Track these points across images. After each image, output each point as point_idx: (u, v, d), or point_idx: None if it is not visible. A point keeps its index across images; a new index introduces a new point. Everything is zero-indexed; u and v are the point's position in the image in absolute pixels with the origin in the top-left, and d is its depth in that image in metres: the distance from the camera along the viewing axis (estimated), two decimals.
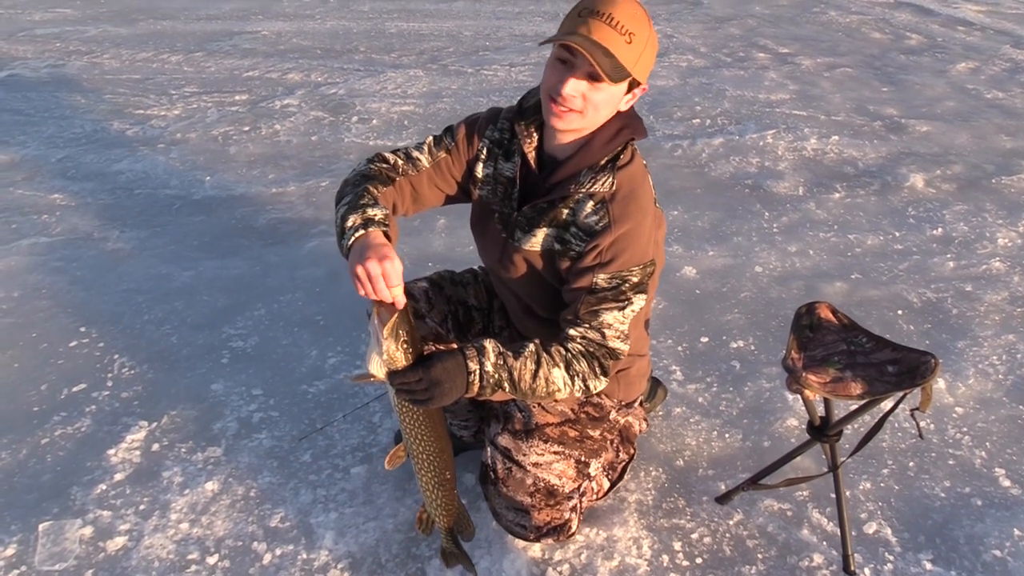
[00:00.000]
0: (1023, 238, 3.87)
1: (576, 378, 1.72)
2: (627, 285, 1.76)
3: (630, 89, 1.72)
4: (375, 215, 1.66)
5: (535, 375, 1.67)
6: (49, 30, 7.10)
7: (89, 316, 3.12)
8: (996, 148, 5.00)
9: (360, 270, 1.53)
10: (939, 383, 2.81)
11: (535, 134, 1.85)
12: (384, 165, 1.88)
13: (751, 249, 3.70)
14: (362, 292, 1.55)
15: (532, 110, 1.86)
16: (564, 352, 1.72)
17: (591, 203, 1.77)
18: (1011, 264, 3.63)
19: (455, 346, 1.67)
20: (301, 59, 6.43)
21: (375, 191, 1.77)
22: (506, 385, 1.64)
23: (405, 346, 1.57)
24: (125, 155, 4.62)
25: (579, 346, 1.74)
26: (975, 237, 3.87)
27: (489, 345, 1.65)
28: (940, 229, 3.94)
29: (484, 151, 1.94)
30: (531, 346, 1.69)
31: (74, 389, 2.73)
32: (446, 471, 1.76)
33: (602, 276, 1.75)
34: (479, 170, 1.95)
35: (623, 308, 1.75)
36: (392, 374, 1.58)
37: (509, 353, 1.66)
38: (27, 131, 4.96)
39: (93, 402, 2.67)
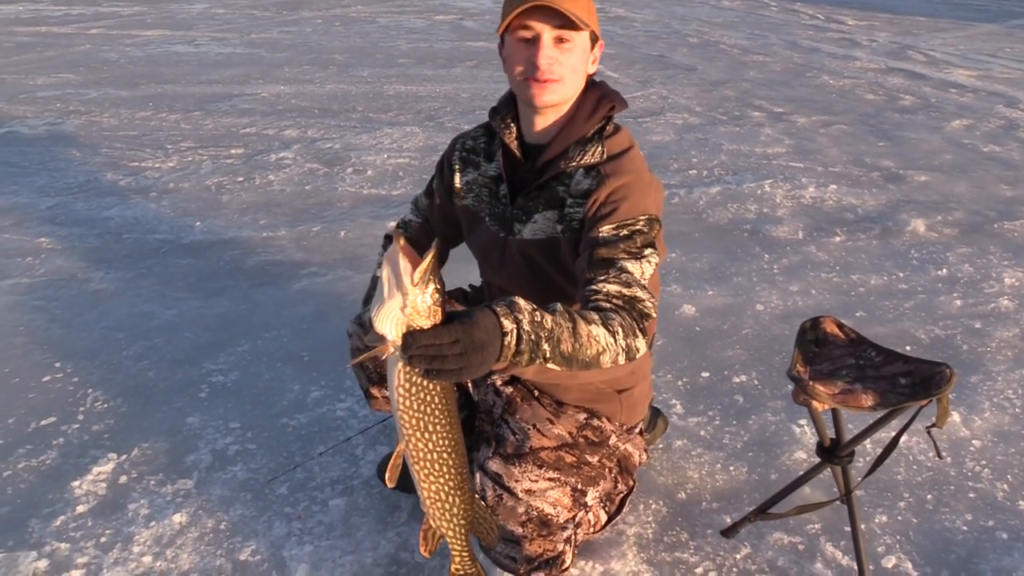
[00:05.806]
0: None
1: (617, 336, 1.39)
2: (638, 237, 1.59)
3: (592, 46, 1.71)
4: None
5: (575, 332, 1.31)
6: (51, 92, 7.16)
7: (65, 352, 3.00)
8: (996, 196, 4.94)
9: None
10: (954, 416, 2.67)
11: (512, 125, 1.80)
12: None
13: (752, 289, 3.60)
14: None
15: (503, 106, 1.83)
16: (595, 310, 1.44)
17: (582, 172, 1.72)
18: (1020, 302, 3.51)
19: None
20: (299, 117, 6.46)
21: None
22: (545, 347, 1.26)
23: (437, 297, 1.17)
24: (116, 203, 4.56)
25: (606, 302, 1.47)
26: (981, 277, 3.77)
27: (519, 300, 1.26)
28: (945, 270, 3.84)
29: (458, 163, 1.93)
30: (558, 305, 1.34)
31: (42, 423, 2.59)
32: (464, 467, 1.34)
33: (606, 227, 1.60)
34: (457, 181, 1.92)
35: (638, 259, 1.56)
36: (415, 335, 1.15)
37: (541, 310, 1.30)
38: (19, 181, 4.92)
39: (61, 435, 2.53)
